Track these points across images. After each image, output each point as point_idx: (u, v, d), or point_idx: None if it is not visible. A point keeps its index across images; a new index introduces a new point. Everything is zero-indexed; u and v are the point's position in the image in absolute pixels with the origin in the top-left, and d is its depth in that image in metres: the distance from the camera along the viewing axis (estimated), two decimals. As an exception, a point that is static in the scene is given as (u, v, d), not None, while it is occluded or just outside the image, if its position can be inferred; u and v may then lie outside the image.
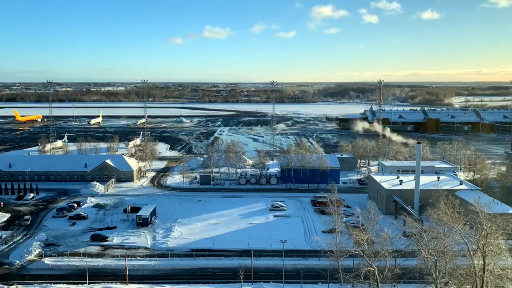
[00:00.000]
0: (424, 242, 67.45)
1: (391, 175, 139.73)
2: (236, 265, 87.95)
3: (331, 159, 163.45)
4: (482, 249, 62.53)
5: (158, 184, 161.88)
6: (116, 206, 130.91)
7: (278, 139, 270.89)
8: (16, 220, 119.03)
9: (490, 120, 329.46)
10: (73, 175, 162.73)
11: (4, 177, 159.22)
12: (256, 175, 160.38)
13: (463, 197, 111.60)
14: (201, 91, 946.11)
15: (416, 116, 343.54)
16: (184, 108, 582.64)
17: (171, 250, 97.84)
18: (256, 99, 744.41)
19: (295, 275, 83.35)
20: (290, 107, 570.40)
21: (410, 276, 76.54)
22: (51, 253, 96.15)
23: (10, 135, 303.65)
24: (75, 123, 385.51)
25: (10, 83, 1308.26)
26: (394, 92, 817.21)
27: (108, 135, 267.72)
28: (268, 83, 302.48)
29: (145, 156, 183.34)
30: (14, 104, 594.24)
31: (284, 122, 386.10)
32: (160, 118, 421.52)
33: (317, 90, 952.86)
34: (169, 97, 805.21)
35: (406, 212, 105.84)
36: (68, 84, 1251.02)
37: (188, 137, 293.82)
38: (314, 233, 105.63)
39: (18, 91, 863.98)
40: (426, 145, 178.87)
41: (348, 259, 76.12)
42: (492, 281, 62.90)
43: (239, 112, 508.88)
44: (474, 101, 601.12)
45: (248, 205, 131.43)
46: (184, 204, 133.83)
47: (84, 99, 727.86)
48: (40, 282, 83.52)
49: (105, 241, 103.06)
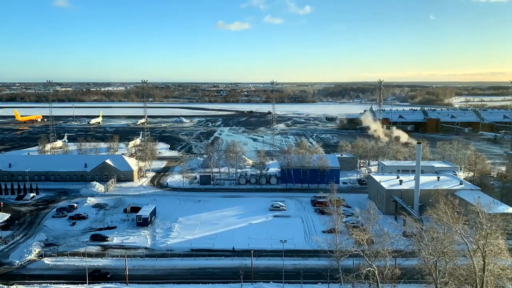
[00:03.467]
0: (424, 242, 67.46)
1: (391, 175, 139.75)
2: (236, 265, 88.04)
3: (331, 159, 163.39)
4: (482, 249, 62.53)
5: (158, 184, 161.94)
6: (116, 206, 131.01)
7: (278, 139, 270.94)
8: (16, 220, 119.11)
9: (490, 120, 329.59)
10: (73, 175, 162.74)
11: (4, 177, 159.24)
12: (256, 175, 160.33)
13: (463, 197, 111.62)
14: (201, 91, 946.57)
15: (416, 116, 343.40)
16: (184, 108, 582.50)
17: (171, 250, 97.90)
18: (256, 99, 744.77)
19: (295, 275, 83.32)
20: (290, 107, 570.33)
21: (410, 276, 76.61)
22: (51, 253, 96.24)
23: (10, 135, 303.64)
24: (75, 123, 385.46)
25: (10, 83, 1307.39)
26: (394, 92, 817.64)
27: (108, 135, 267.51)
28: (268, 83, 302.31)
29: (145, 156, 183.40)
30: (14, 104, 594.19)
31: (284, 122, 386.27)
32: (160, 118, 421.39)
33: (317, 90, 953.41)
34: (169, 97, 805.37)
35: (406, 212, 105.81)
36: (68, 84, 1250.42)
37: (188, 137, 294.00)
38: (314, 233, 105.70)
39: (18, 91, 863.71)
40: (426, 145, 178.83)
41: (348, 259, 76.19)
42: (492, 281, 62.94)
43: (239, 112, 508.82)
44: (474, 101, 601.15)
45: (248, 205, 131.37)
46: (184, 204, 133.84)
47: (84, 99, 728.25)
48: (40, 282, 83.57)
49: (105, 241, 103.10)
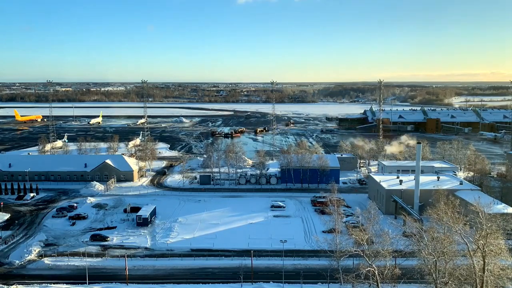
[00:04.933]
0: (424, 242, 67.47)
1: (391, 175, 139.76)
2: (236, 265, 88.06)
3: (331, 159, 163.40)
4: (482, 249, 62.53)
5: (158, 184, 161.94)
6: (116, 206, 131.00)
7: (278, 139, 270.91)
8: (16, 220, 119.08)
9: (490, 120, 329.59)
10: (73, 175, 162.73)
11: (4, 177, 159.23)
12: (256, 175, 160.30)
13: (463, 197, 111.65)
14: (201, 91, 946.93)
15: (416, 116, 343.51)
16: (184, 108, 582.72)
17: (171, 250, 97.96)
18: (256, 99, 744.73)
19: (295, 275, 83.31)
20: (290, 107, 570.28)
21: (410, 276, 76.64)
22: (51, 253, 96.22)
23: (10, 135, 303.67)
24: (75, 123, 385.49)
25: (10, 83, 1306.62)
26: (394, 92, 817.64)
27: (108, 135, 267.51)
28: (268, 83, 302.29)
29: (145, 156, 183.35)
30: (14, 104, 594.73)
31: (285, 122, 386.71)
32: (160, 118, 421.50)
33: (317, 90, 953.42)
34: (169, 97, 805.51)
35: (406, 212, 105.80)
36: (68, 84, 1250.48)
37: (188, 137, 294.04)
38: (314, 233, 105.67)
39: (18, 91, 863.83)
40: (426, 145, 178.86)
41: (348, 259, 76.21)
42: (492, 281, 62.95)
43: (239, 112, 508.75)
44: (474, 101, 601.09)
45: (248, 205, 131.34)
46: (184, 204, 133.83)
47: (84, 99, 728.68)
48: (40, 282, 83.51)
49: (105, 241, 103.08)
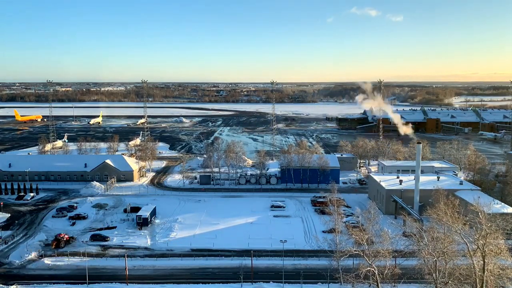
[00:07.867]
0: (424, 242, 67.48)
1: (391, 175, 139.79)
2: (236, 265, 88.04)
3: (331, 159, 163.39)
4: (482, 249, 62.53)
5: (158, 184, 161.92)
6: (116, 206, 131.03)
7: (278, 139, 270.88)
8: (16, 220, 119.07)
9: (490, 120, 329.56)
10: (73, 175, 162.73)
11: (4, 177, 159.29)
12: (256, 175, 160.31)
13: (463, 197, 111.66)
14: (201, 91, 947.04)
15: (416, 116, 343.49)
16: (184, 108, 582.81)
17: (171, 250, 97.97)
18: (256, 99, 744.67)
19: (295, 275, 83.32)
20: (290, 107, 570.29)
21: (410, 276, 76.65)
22: (51, 253, 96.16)
23: (10, 135, 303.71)
24: (75, 123, 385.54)
25: (10, 83, 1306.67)
26: (394, 92, 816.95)
27: (108, 135, 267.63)
28: (268, 83, 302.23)
29: (145, 156, 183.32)
30: (14, 104, 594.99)
31: (285, 122, 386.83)
32: (160, 118, 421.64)
33: (317, 90, 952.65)
34: (169, 97, 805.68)
35: (406, 212, 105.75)
36: (68, 84, 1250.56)
37: (188, 137, 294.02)
38: (314, 233, 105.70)
39: (18, 91, 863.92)
40: (426, 145, 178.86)
41: (348, 259, 76.17)
42: (492, 281, 62.94)
43: (239, 112, 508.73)
44: (474, 101, 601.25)
45: (248, 205, 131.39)
46: (184, 204, 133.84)
47: (84, 99, 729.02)
48: (39, 282, 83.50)
49: (105, 241, 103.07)
